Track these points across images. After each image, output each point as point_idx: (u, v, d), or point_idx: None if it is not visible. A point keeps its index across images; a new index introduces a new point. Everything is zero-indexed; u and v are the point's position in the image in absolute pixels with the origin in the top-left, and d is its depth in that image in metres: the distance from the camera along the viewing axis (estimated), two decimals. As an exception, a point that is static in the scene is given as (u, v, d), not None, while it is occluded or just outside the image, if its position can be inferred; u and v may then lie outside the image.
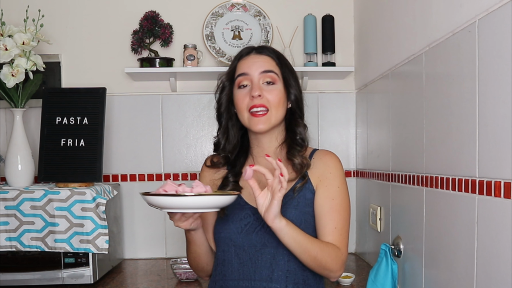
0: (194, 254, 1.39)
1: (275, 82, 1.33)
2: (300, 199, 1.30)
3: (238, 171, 1.39)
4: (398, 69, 1.70)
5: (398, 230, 1.71)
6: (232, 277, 1.30)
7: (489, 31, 1.08)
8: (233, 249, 1.31)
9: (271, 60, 1.36)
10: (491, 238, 1.08)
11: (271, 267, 1.27)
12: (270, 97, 1.31)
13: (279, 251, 1.27)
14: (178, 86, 2.34)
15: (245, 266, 1.29)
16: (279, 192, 1.13)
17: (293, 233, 1.20)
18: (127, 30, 2.28)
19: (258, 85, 1.31)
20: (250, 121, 1.32)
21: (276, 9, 2.32)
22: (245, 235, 1.30)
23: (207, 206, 1.16)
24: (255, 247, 1.29)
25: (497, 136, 1.05)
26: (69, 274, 1.86)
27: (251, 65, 1.34)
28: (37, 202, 1.83)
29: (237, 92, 1.35)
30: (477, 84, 1.13)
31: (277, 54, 1.39)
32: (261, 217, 1.29)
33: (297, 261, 1.28)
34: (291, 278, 1.28)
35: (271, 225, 1.17)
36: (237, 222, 1.31)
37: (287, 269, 1.28)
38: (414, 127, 1.53)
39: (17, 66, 1.91)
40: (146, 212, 2.31)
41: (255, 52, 1.38)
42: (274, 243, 1.27)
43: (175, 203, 1.13)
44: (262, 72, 1.32)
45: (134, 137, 2.33)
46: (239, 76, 1.34)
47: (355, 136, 2.37)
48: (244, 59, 1.37)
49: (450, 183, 1.28)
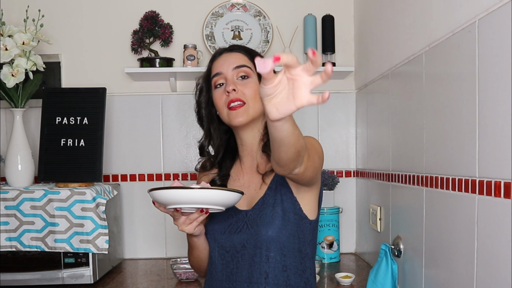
0: (197, 258, 1.39)
1: (249, 76, 1.34)
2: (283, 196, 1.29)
3: (224, 174, 1.39)
4: (398, 69, 1.70)
5: (398, 230, 1.71)
6: (216, 278, 1.31)
7: (489, 31, 1.08)
8: (217, 250, 1.31)
9: (243, 56, 1.37)
10: (491, 238, 1.08)
11: (250, 268, 1.27)
12: (246, 90, 1.31)
13: (257, 252, 1.26)
14: (178, 86, 2.34)
15: (227, 267, 1.30)
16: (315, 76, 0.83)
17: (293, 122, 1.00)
18: (127, 30, 2.28)
19: (232, 80, 1.32)
20: (229, 116, 1.32)
21: (276, 9, 2.32)
22: (227, 236, 1.30)
23: (213, 202, 1.15)
24: (236, 248, 1.29)
25: (497, 136, 1.05)
26: (69, 274, 1.86)
27: (223, 63, 1.35)
28: (37, 202, 1.83)
29: (215, 92, 1.36)
30: (477, 84, 1.13)
31: (249, 50, 1.40)
32: (242, 218, 1.29)
33: (275, 262, 1.26)
34: (270, 279, 1.27)
35: (298, 107, 0.87)
36: (221, 223, 1.32)
37: (265, 270, 1.26)
38: (414, 127, 1.53)
39: (17, 66, 1.91)
40: (146, 212, 2.31)
41: (226, 51, 1.39)
42: (252, 243, 1.27)
43: (182, 197, 1.12)
44: (234, 68, 1.33)
45: (134, 137, 2.33)
46: (214, 76, 1.36)
47: (355, 136, 2.37)
48: (217, 60, 1.38)
49: (450, 183, 1.28)
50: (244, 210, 1.31)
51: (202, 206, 1.17)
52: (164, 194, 1.13)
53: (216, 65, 1.37)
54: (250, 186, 1.35)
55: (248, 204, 1.33)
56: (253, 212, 1.28)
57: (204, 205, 1.16)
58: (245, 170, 1.38)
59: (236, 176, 1.40)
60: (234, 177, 1.40)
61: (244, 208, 1.32)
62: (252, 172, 1.36)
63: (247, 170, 1.38)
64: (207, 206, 1.17)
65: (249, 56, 1.37)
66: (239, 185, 1.37)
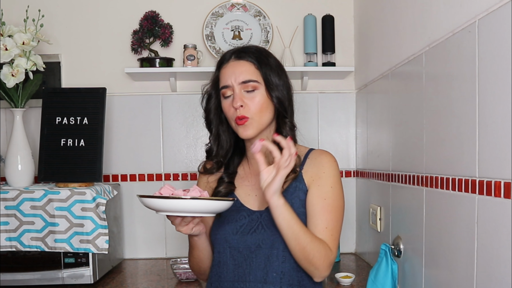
0: (197, 259, 1.39)
1: (256, 88, 1.33)
2: (294, 200, 1.30)
3: (232, 171, 1.40)
4: (398, 69, 1.70)
5: (398, 230, 1.71)
6: (227, 279, 1.31)
7: (489, 31, 1.08)
8: (228, 251, 1.31)
9: (251, 66, 1.34)
10: (491, 238, 1.08)
11: (265, 268, 1.27)
12: (251, 105, 1.31)
13: (274, 253, 1.27)
14: (178, 86, 2.34)
15: (240, 267, 1.29)
16: (284, 169, 1.18)
17: (288, 215, 1.21)
18: (127, 30, 2.28)
19: (239, 95, 1.32)
20: (237, 130, 1.34)
21: (276, 9, 2.32)
22: (240, 237, 1.30)
23: (201, 210, 1.16)
24: (250, 249, 1.29)
25: (497, 136, 1.05)
26: (69, 274, 1.86)
27: (231, 75, 1.34)
28: (37, 202, 1.83)
29: (223, 102, 1.36)
30: (477, 84, 1.13)
31: (257, 56, 1.36)
32: (256, 219, 1.29)
33: (291, 262, 1.28)
34: (285, 279, 1.28)
35: (269, 200, 1.19)
36: (233, 224, 1.32)
37: (282, 270, 1.27)
38: (414, 127, 1.53)
39: (17, 66, 1.91)
40: (146, 212, 2.29)
41: (234, 57, 1.37)
42: (268, 244, 1.27)
43: (168, 206, 1.14)
44: (241, 83, 1.32)
45: (134, 137, 2.33)
46: (222, 88, 1.36)
47: (355, 136, 2.37)
48: (225, 68, 1.37)
49: (450, 183, 1.28)
50: (258, 211, 1.32)
51: (191, 215, 1.19)
52: (153, 202, 1.15)
53: (224, 76, 1.36)
54: (260, 188, 1.36)
55: (260, 205, 1.34)
56: (268, 213, 1.29)
57: (192, 213, 1.17)
58: (254, 172, 1.38)
59: (244, 175, 1.40)
60: (241, 175, 1.40)
61: (256, 209, 1.33)
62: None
63: (256, 172, 1.38)
64: (196, 215, 1.19)
65: (257, 64, 1.35)
66: (248, 186, 1.38)
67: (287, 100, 1.37)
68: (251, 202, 1.35)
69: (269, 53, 1.41)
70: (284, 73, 1.40)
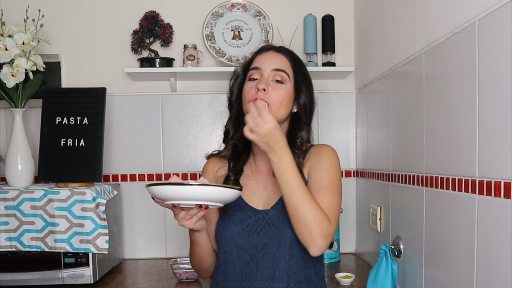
0: (198, 255, 1.40)
1: (284, 82, 1.33)
2: None
3: (239, 169, 1.40)
4: (398, 69, 1.70)
5: (398, 230, 1.71)
6: (234, 278, 1.31)
7: (489, 31, 1.08)
8: (235, 250, 1.31)
9: (286, 61, 1.36)
10: (491, 238, 1.08)
11: (272, 266, 1.28)
12: (274, 94, 1.30)
13: (280, 251, 1.28)
14: (178, 86, 2.34)
15: (247, 266, 1.30)
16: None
17: (285, 162, 1.22)
18: (127, 30, 2.28)
19: (266, 80, 1.31)
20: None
21: (276, 9, 2.32)
22: (246, 236, 1.30)
23: (210, 198, 1.15)
24: (257, 248, 1.29)
25: (497, 136, 1.05)
26: (69, 274, 1.86)
27: (265, 61, 1.35)
28: (37, 202, 1.83)
29: (246, 84, 1.36)
30: (477, 84, 1.13)
31: (294, 57, 1.39)
32: (262, 218, 1.29)
33: (298, 259, 1.29)
34: (292, 276, 1.29)
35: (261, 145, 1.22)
36: (239, 223, 1.32)
37: (289, 268, 1.28)
38: (414, 127, 1.53)
39: (17, 66, 1.91)
40: (146, 212, 2.31)
41: (274, 50, 1.39)
42: (275, 243, 1.28)
43: (178, 193, 1.13)
44: (273, 69, 1.33)
45: (134, 137, 2.33)
46: (252, 69, 1.35)
47: (355, 136, 2.37)
48: (261, 55, 1.38)
49: (450, 183, 1.28)
50: (263, 210, 1.33)
51: (199, 203, 1.17)
52: (162, 190, 1.14)
53: (258, 59, 1.37)
54: (266, 187, 1.37)
55: (265, 204, 1.34)
56: (274, 211, 1.29)
57: (201, 201, 1.16)
58: (260, 170, 1.39)
59: (250, 173, 1.40)
60: (247, 174, 1.40)
61: (261, 208, 1.34)
62: (269, 174, 1.36)
63: (262, 171, 1.39)
64: (205, 203, 1.18)
65: (292, 63, 1.36)
66: (253, 185, 1.38)
67: (309, 110, 1.38)
68: (256, 201, 1.35)
69: (304, 65, 1.43)
70: (312, 87, 1.41)
